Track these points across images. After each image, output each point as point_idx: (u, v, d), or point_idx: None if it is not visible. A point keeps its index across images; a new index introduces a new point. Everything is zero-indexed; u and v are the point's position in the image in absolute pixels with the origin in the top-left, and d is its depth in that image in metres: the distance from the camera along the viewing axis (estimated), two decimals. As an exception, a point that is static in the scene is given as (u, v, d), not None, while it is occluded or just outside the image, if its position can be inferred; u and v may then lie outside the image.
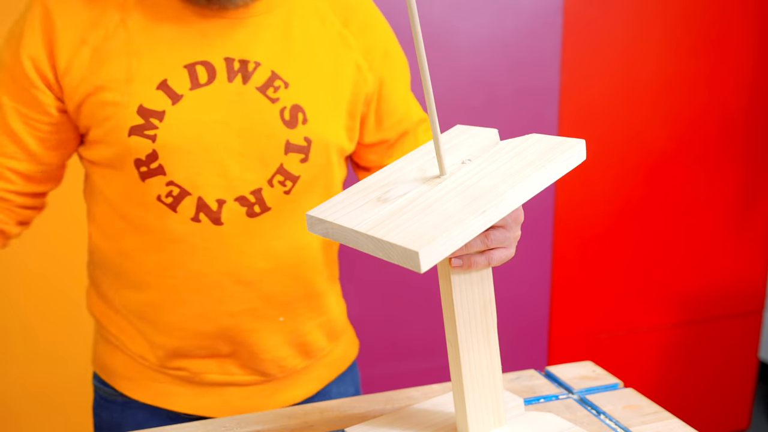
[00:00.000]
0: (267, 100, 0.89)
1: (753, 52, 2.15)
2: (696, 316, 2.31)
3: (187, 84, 0.87)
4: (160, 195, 0.89)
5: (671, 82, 2.08)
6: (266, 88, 0.89)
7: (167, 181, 0.88)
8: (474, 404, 0.73)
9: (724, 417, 2.45)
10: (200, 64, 0.87)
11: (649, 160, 2.12)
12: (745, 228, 2.29)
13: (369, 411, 0.86)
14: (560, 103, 1.97)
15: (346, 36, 0.94)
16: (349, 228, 0.65)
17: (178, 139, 0.87)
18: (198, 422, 0.85)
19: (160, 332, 0.95)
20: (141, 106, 0.86)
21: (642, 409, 0.86)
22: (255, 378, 0.99)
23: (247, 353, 0.97)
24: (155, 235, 0.91)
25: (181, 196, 0.89)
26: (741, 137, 2.21)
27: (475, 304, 0.71)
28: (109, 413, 1.03)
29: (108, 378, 1.02)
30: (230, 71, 0.88)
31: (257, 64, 0.89)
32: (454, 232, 0.60)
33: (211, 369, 0.98)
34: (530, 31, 1.90)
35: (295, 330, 0.99)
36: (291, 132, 0.90)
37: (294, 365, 1.01)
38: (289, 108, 0.90)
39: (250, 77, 0.88)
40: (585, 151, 0.70)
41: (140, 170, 0.88)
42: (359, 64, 0.95)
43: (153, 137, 0.86)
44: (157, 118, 0.86)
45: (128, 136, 0.86)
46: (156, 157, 0.87)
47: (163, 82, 0.86)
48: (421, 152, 0.78)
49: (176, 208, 0.89)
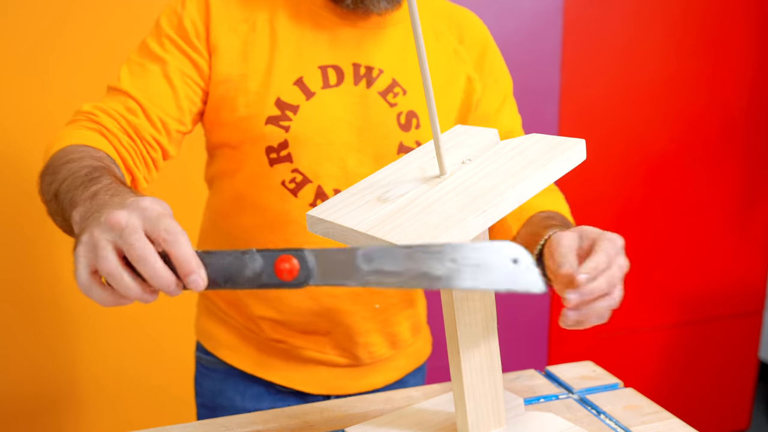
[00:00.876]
0: (386, 104, 0.97)
1: (754, 52, 2.15)
2: (696, 316, 2.31)
3: (319, 83, 0.95)
4: (284, 180, 0.96)
5: (672, 82, 2.08)
6: (387, 93, 0.97)
7: (293, 168, 0.96)
8: (474, 404, 0.73)
9: (724, 417, 2.45)
10: (331, 67, 0.96)
11: (650, 160, 2.12)
12: (745, 228, 2.29)
13: (369, 411, 0.87)
14: (560, 103, 1.97)
15: (460, 51, 1.03)
16: (349, 228, 0.65)
17: (308, 132, 0.95)
18: (198, 422, 0.85)
19: (268, 306, 1.02)
20: (279, 98, 0.94)
21: (642, 409, 0.86)
22: (346, 360, 1.05)
23: (343, 334, 1.03)
24: (274, 216, 0.98)
25: (303, 183, 0.96)
26: (741, 137, 2.21)
27: (475, 304, 0.71)
28: (211, 381, 1.11)
29: (211, 347, 1.09)
30: (356, 76, 0.96)
31: (381, 71, 0.97)
32: (454, 231, 0.60)
33: (309, 346, 1.04)
34: (530, 32, 1.90)
35: (387, 319, 1.05)
36: (405, 135, 0.98)
37: (381, 353, 1.07)
38: (405, 113, 0.98)
39: (373, 82, 0.97)
40: (585, 151, 0.70)
41: (270, 156, 0.96)
42: (470, 76, 1.03)
43: (287, 128, 0.94)
44: (291, 111, 0.94)
45: (265, 125, 0.94)
46: (286, 146, 0.95)
47: (299, 79, 0.95)
48: (421, 152, 0.78)
49: (297, 193, 0.96)
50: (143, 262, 0.55)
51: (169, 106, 0.93)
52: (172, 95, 0.93)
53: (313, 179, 0.96)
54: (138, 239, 0.55)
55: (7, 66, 1.53)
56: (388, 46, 0.98)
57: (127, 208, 0.57)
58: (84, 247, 0.57)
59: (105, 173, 0.72)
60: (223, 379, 1.09)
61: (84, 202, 0.65)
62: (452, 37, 1.03)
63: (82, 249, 0.57)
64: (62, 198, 0.71)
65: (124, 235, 0.55)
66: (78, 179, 0.71)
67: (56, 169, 0.76)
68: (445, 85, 1.01)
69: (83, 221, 0.62)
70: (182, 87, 0.93)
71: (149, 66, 0.93)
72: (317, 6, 0.96)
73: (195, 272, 0.55)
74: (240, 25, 0.95)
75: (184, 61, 0.94)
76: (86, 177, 0.71)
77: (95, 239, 0.56)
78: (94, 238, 0.56)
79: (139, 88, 0.92)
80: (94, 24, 1.56)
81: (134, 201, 0.58)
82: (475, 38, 1.05)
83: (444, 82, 1.01)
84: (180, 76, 0.93)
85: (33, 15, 1.53)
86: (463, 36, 1.04)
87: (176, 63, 0.93)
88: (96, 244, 0.56)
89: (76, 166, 0.74)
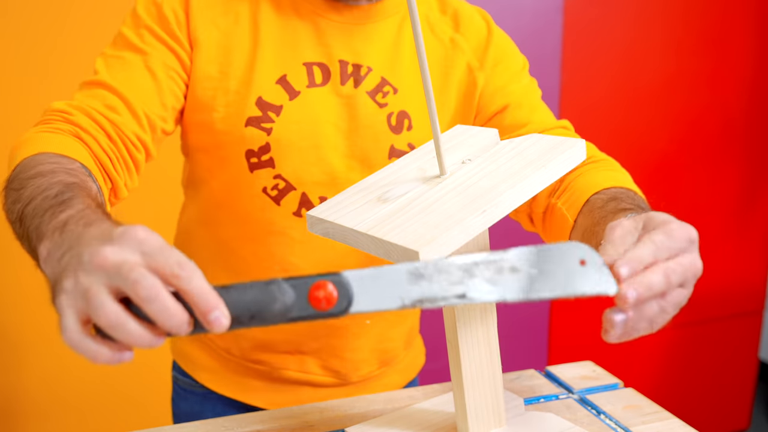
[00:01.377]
0: (375, 105, 0.91)
1: (754, 52, 2.15)
2: (696, 317, 2.31)
3: (304, 81, 0.89)
4: (266, 187, 0.90)
5: (672, 82, 2.08)
6: (375, 93, 0.91)
7: (275, 174, 0.89)
8: (474, 404, 0.73)
9: (724, 417, 2.45)
10: (317, 65, 0.89)
11: (650, 160, 2.12)
12: (745, 228, 2.29)
13: (369, 411, 0.86)
14: (560, 103, 1.97)
15: (457, 40, 0.95)
16: (349, 228, 0.65)
17: (292, 135, 0.88)
18: (198, 422, 0.85)
19: None
20: (260, 98, 0.87)
21: (642, 409, 0.86)
22: (331, 380, 1.00)
23: (330, 352, 0.98)
24: (255, 226, 0.92)
25: (286, 190, 0.90)
26: (741, 138, 2.21)
27: (475, 303, 0.71)
28: (188, 403, 1.05)
29: (189, 369, 1.04)
30: (343, 74, 0.90)
31: (369, 69, 0.90)
32: (454, 231, 0.60)
33: (291, 365, 0.98)
34: (531, 32, 1.90)
35: (380, 335, 1.00)
36: (396, 137, 0.91)
37: (369, 371, 1.02)
38: (396, 114, 0.91)
39: (361, 81, 0.90)
40: (585, 151, 0.70)
41: (250, 161, 0.89)
42: (471, 65, 0.95)
43: (269, 130, 0.87)
44: (274, 111, 0.87)
45: (245, 126, 0.87)
46: (268, 150, 0.88)
47: (282, 77, 0.88)
48: (421, 152, 0.78)
49: (280, 201, 0.90)
50: (153, 301, 0.46)
51: (152, 101, 0.83)
52: (156, 89, 0.83)
53: (297, 186, 0.89)
54: (143, 275, 0.46)
55: (7, 66, 1.53)
56: (377, 42, 0.91)
57: (116, 242, 0.48)
58: (69, 297, 0.47)
59: (78, 193, 0.61)
60: (201, 402, 1.03)
61: (52, 235, 0.54)
62: (447, 26, 0.96)
63: (67, 299, 0.47)
64: (28, 223, 0.60)
65: (123, 273, 0.46)
66: (46, 201, 0.60)
67: (22, 183, 0.65)
68: (440, 82, 0.94)
69: (55, 261, 0.52)
70: (166, 81, 0.84)
71: (128, 57, 0.84)
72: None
73: (217, 308, 0.47)
74: (220, 18, 0.88)
75: (166, 53, 0.85)
76: (56, 199, 0.60)
77: (83, 285, 0.47)
78: (82, 284, 0.47)
79: (119, 80, 0.82)
80: (94, 24, 1.56)
81: (124, 232, 0.49)
82: (473, 25, 0.96)
83: (440, 79, 0.94)
84: (163, 68, 0.84)
85: (33, 15, 1.53)
86: (459, 23, 0.96)
87: (158, 55, 0.84)
88: (86, 290, 0.46)
89: (45, 182, 0.63)
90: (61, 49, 1.55)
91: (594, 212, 0.75)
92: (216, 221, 0.95)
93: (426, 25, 0.95)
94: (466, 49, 0.95)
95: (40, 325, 1.65)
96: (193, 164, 0.96)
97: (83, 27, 1.56)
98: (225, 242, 0.95)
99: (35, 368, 1.68)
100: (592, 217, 0.74)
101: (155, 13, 0.86)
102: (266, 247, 0.92)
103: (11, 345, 1.66)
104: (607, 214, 0.72)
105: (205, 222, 0.97)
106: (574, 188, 0.82)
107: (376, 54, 0.91)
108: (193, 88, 0.88)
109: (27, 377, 1.69)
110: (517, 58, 0.99)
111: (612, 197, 0.75)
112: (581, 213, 0.78)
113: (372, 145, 0.91)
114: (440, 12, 0.96)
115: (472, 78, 0.95)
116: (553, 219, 0.85)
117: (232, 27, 0.88)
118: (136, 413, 1.76)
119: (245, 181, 0.90)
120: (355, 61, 0.90)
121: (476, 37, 0.96)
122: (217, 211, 0.94)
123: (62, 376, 1.70)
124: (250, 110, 0.87)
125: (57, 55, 1.55)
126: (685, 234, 0.58)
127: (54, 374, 1.69)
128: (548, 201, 0.87)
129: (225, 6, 0.88)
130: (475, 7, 1.00)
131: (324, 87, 0.89)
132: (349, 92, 0.90)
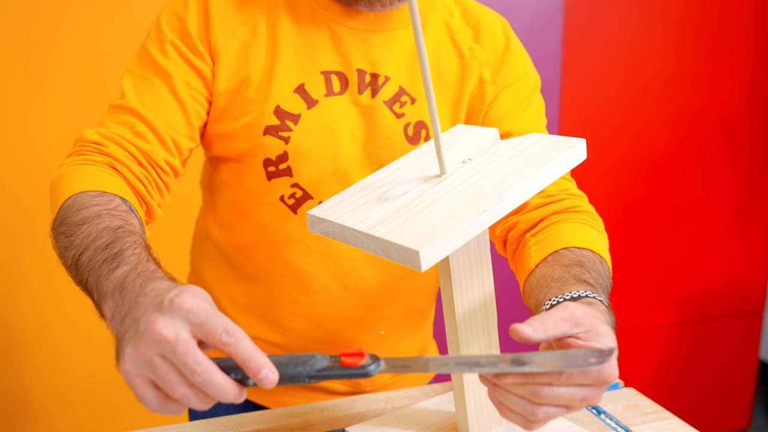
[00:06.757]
0: (393, 115, 0.90)
1: (754, 52, 2.15)
2: (696, 316, 2.31)
3: (322, 90, 0.89)
4: (283, 196, 0.90)
5: (672, 82, 2.08)
6: (393, 103, 0.90)
7: (292, 183, 0.90)
8: (474, 404, 0.73)
9: (725, 417, 2.45)
10: (335, 74, 0.89)
11: (650, 160, 2.12)
12: (745, 228, 2.29)
13: (369, 410, 0.86)
14: (560, 103, 1.97)
15: (476, 50, 0.94)
16: (349, 227, 0.65)
17: (310, 144, 0.88)
18: (198, 421, 0.85)
19: (265, 326, 0.97)
20: (278, 107, 0.88)
21: (642, 409, 0.86)
22: (346, 388, 1.00)
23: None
24: (273, 234, 0.92)
25: (303, 199, 0.90)
26: (741, 138, 2.21)
27: (475, 303, 0.71)
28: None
29: None
30: (361, 83, 0.90)
31: (387, 79, 0.90)
32: (454, 231, 0.60)
33: None
34: (531, 32, 1.90)
35: (393, 345, 1.00)
36: (413, 148, 0.89)
37: (384, 380, 1.03)
38: (413, 124, 0.91)
39: (378, 91, 0.90)
40: (585, 151, 0.70)
41: (267, 169, 0.90)
42: (483, 78, 0.94)
43: (287, 139, 0.88)
44: (292, 120, 0.88)
45: (263, 135, 0.88)
46: (285, 159, 0.89)
47: (300, 86, 0.88)
48: (421, 151, 0.78)
49: (297, 210, 0.91)
50: (208, 385, 0.52)
51: (179, 124, 0.86)
52: (182, 112, 0.86)
53: (314, 195, 0.90)
54: (198, 362, 0.51)
55: (7, 66, 1.53)
56: (395, 51, 0.91)
57: (167, 313, 0.53)
58: (133, 365, 0.53)
59: (127, 240, 0.66)
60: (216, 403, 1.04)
61: (113, 294, 0.60)
62: (467, 36, 0.95)
63: (132, 367, 0.53)
64: (85, 274, 0.66)
65: (179, 355, 0.51)
66: (99, 253, 0.65)
67: (71, 230, 0.70)
68: (456, 92, 0.93)
69: (118, 323, 0.58)
70: (190, 102, 0.87)
71: (154, 81, 0.86)
72: (318, 4, 0.89)
73: (266, 366, 0.53)
74: (240, 28, 0.88)
75: (189, 72, 0.87)
76: (107, 251, 0.65)
77: (145, 356, 0.52)
78: (143, 355, 0.52)
79: (147, 106, 0.85)
80: (93, 24, 1.56)
81: (172, 300, 0.54)
82: (493, 36, 0.95)
83: (456, 89, 0.93)
84: (187, 89, 0.87)
85: (33, 15, 1.53)
86: (480, 34, 0.95)
87: (182, 75, 0.86)
88: (149, 362, 0.52)
89: (93, 231, 0.68)
90: (61, 49, 1.55)
91: (556, 267, 0.77)
92: (233, 227, 0.96)
93: (447, 33, 0.94)
94: (483, 59, 0.94)
95: (42, 324, 1.65)
96: (213, 170, 0.97)
97: (83, 27, 1.56)
98: (242, 248, 0.96)
99: (37, 367, 1.68)
100: (553, 272, 0.76)
101: (178, 27, 0.87)
102: (282, 255, 0.93)
103: (13, 344, 1.66)
104: (569, 277, 0.74)
105: (223, 227, 0.98)
106: (549, 233, 0.84)
107: (394, 63, 0.91)
108: (216, 101, 0.89)
109: (29, 376, 1.69)
110: (530, 78, 0.97)
111: (579, 262, 0.77)
112: (545, 261, 0.80)
113: (389, 156, 0.90)
114: (463, 21, 0.96)
115: (482, 91, 0.94)
116: (521, 255, 0.86)
117: (250, 36, 0.88)
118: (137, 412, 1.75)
119: (263, 189, 0.91)
120: (372, 70, 0.90)
121: (494, 50, 0.95)
122: (235, 217, 0.95)
123: (64, 375, 1.70)
124: (268, 119, 0.87)
125: (57, 55, 1.56)
126: (599, 376, 0.59)
127: (56, 373, 1.69)
128: (524, 236, 0.88)
129: (243, 16, 0.89)
130: (498, 16, 0.98)
131: (342, 96, 0.89)
132: (367, 102, 0.90)
